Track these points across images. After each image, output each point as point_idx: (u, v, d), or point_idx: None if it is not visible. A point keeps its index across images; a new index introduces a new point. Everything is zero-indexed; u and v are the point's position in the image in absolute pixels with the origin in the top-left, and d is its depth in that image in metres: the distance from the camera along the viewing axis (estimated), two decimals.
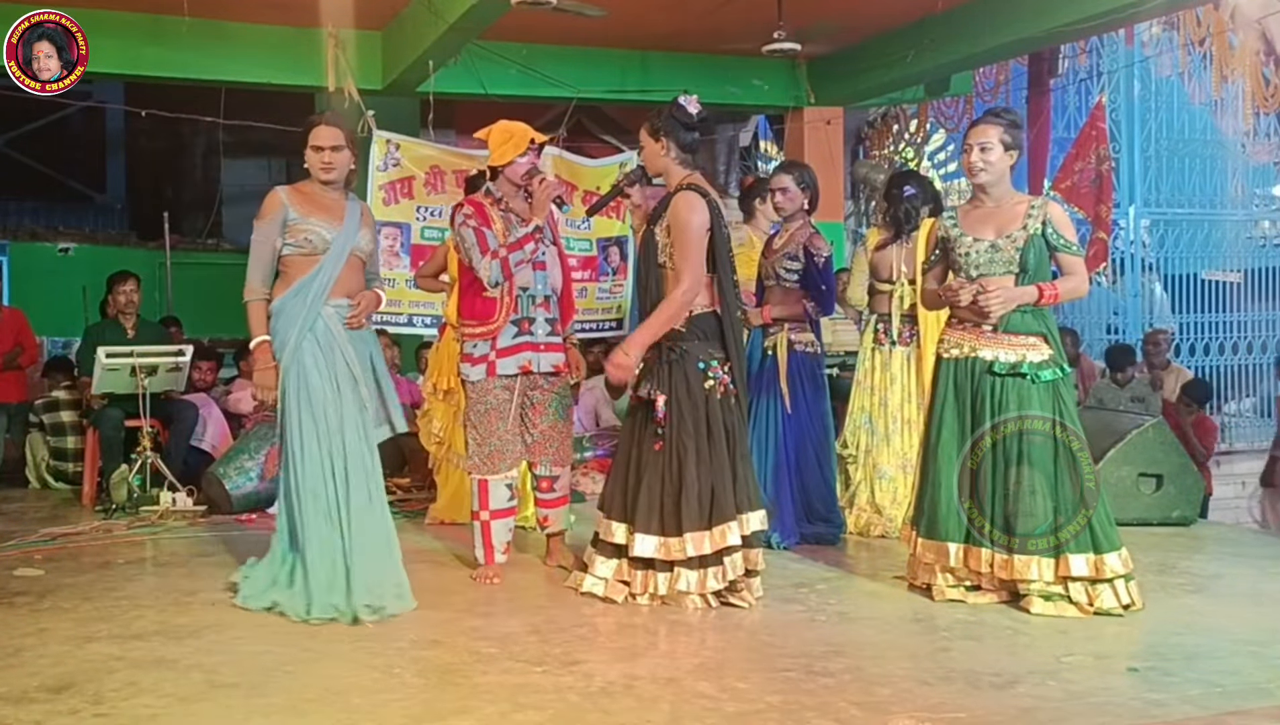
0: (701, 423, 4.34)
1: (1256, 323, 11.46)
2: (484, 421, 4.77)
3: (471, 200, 4.92)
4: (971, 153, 4.43)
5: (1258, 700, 3.40)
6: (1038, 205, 4.43)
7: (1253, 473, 10.66)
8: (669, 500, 4.31)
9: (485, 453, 4.78)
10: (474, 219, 4.75)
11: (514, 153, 4.77)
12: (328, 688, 3.44)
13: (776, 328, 5.57)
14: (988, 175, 4.42)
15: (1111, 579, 4.28)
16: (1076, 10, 7.28)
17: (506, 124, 4.86)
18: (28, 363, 8.19)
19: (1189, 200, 11.47)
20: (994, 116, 4.51)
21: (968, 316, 4.47)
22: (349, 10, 7.73)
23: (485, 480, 4.79)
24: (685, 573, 4.30)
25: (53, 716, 3.19)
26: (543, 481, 4.95)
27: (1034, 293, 4.34)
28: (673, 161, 4.46)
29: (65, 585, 4.79)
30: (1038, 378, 4.34)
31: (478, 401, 4.78)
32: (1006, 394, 4.35)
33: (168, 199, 13.47)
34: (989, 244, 4.40)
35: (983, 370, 4.40)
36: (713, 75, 9.13)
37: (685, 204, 4.35)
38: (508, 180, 4.82)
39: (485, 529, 4.81)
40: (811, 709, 3.26)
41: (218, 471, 6.52)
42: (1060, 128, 11.13)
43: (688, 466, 4.30)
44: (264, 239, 4.38)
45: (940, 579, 4.48)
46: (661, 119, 4.47)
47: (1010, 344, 4.37)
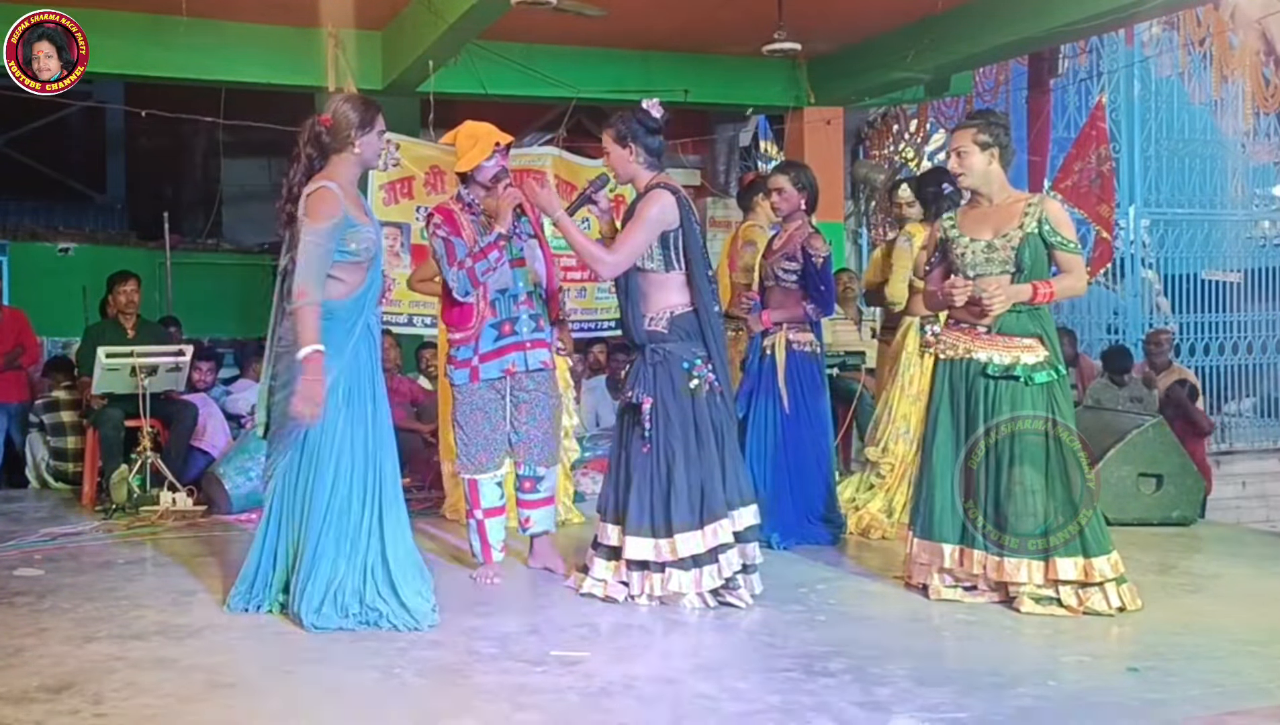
0: (689, 423, 4.35)
1: (1256, 323, 11.46)
2: (470, 421, 4.77)
3: (441, 208, 4.85)
4: (951, 160, 4.54)
5: (1258, 700, 3.40)
6: (1034, 203, 4.44)
7: (1253, 473, 10.67)
8: (658, 501, 4.31)
9: (473, 452, 4.78)
10: (443, 228, 4.72)
11: (480, 157, 4.72)
12: (328, 688, 3.44)
13: (775, 328, 5.57)
14: (970, 179, 4.48)
15: (1101, 583, 4.27)
16: (1076, 10, 7.28)
17: (472, 126, 4.78)
18: (28, 363, 8.18)
19: (1189, 200, 11.47)
20: (968, 120, 4.62)
21: (964, 317, 4.49)
22: (349, 10, 7.74)
23: (475, 479, 4.79)
24: (678, 573, 4.30)
25: (53, 716, 3.19)
26: (525, 482, 4.89)
27: (1028, 291, 4.33)
28: (640, 166, 4.47)
29: (65, 585, 4.79)
30: (1031, 380, 4.33)
31: (464, 402, 4.79)
32: (1000, 396, 4.36)
33: (168, 199, 13.47)
34: (985, 244, 4.41)
35: (977, 372, 4.41)
36: (713, 75, 9.13)
37: (649, 197, 4.40)
38: (478, 184, 4.78)
39: (481, 528, 4.82)
40: (811, 709, 3.26)
41: (218, 471, 6.52)
42: (1060, 128, 11.12)
43: (676, 467, 4.31)
44: (326, 243, 3.99)
45: (936, 579, 4.49)
46: (627, 125, 4.46)
47: (1005, 346, 4.37)
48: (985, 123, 4.48)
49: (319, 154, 4.16)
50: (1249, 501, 10.59)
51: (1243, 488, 10.57)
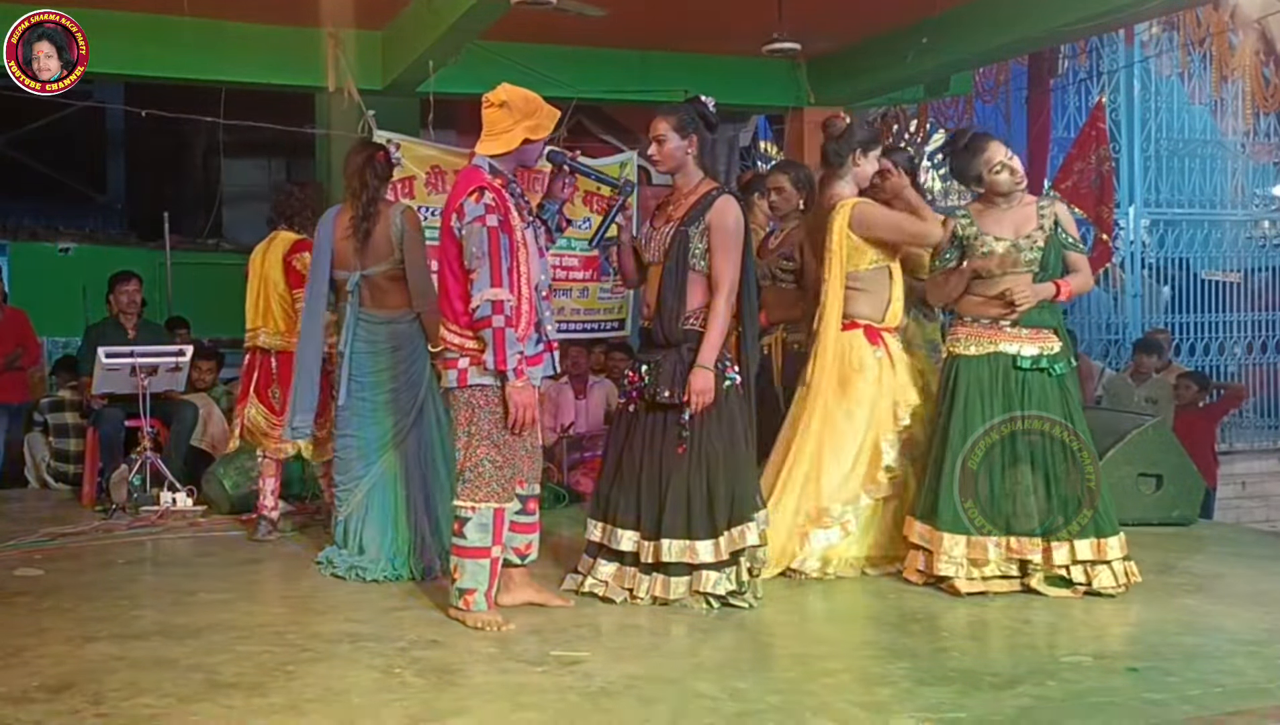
0: (725, 424, 4.34)
1: (1256, 323, 11.46)
2: (509, 437, 4.09)
3: (487, 182, 4.08)
4: (1005, 170, 4.67)
5: (1258, 700, 3.40)
6: (1046, 205, 4.72)
7: (1252, 473, 10.67)
8: (698, 504, 4.27)
9: (506, 475, 4.11)
10: (497, 212, 4.02)
11: (550, 126, 4.18)
12: (328, 688, 3.44)
13: (771, 328, 5.56)
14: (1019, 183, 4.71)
15: (1110, 561, 4.48)
16: (1076, 10, 7.27)
17: (524, 91, 4.18)
18: (29, 363, 8.17)
19: (1189, 200, 11.48)
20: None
21: (983, 313, 4.66)
22: (349, 10, 7.73)
23: (502, 509, 4.12)
24: (709, 574, 4.27)
25: (53, 716, 3.20)
26: (528, 501, 4.34)
27: (1052, 289, 4.62)
28: (692, 161, 4.44)
29: (65, 585, 4.79)
30: (1054, 371, 4.59)
31: (503, 414, 4.07)
32: (1030, 387, 4.59)
33: (168, 199, 13.44)
34: (1010, 243, 4.62)
35: (1007, 365, 4.61)
36: (713, 75, 9.11)
37: (731, 208, 4.37)
38: (518, 163, 4.24)
39: (493, 569, 4.11)
40: (811, 709, 3.26)
41: (218, 471, 6.52)
42: (1060, 128, 11.13)
43: (717, 469, 4.29)
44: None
45: (959, 571, 4.53)
46: (690, 116, 4.41)
47: (1030, 338, 4.64)
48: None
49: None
50: (1249, 501, 10.59)
51: (1243, 488, 10.57)
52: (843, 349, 4.86)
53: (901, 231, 4.85)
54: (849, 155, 4.92)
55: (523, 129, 4.12)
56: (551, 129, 4.21)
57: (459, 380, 4.10)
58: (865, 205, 4.85)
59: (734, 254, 4.33)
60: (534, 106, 4.17)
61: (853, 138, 4.93)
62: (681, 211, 4.41)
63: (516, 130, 4.12)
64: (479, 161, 4.16)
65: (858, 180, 4.95)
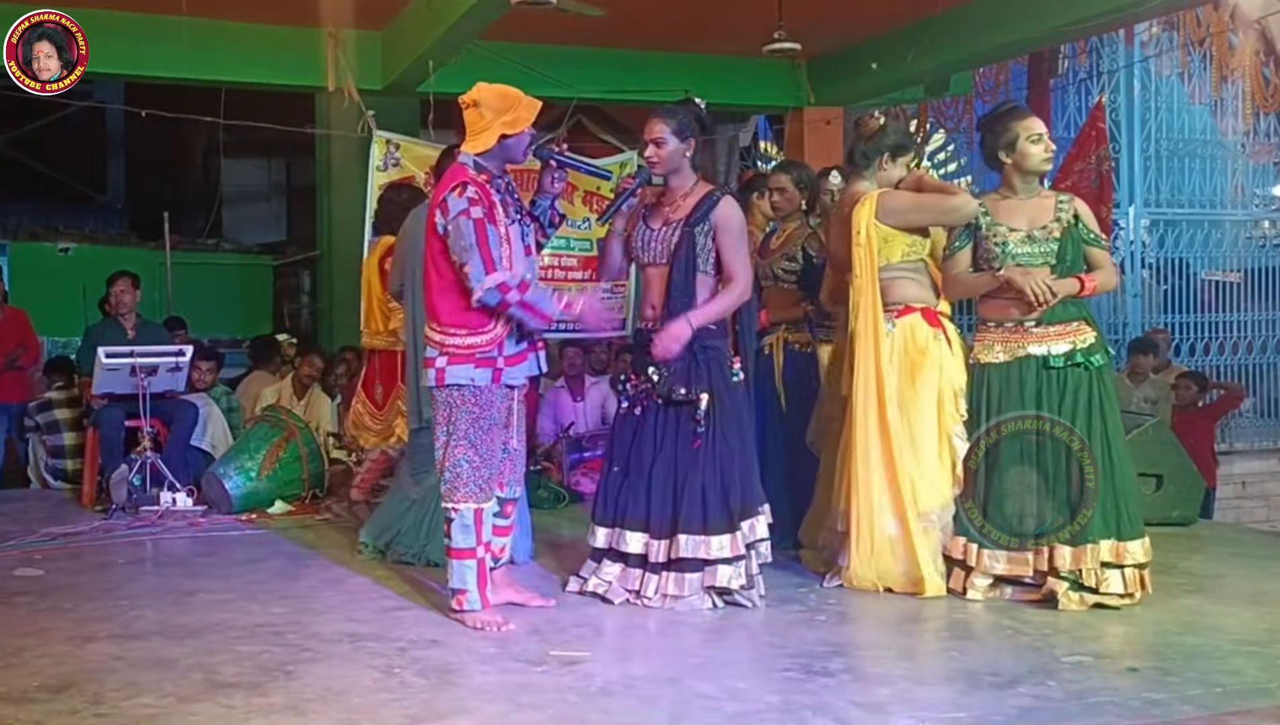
0: (738, 418, 4.38)
1: (1256, 323, 11.45)
2: (486, 438, 4.09)
3: (470, 176, 4.06)
4: (1041, 142, 4.53)
5: (1258, 700, 3.40)
6: (1066, 200, 4.57)
7: (1252, 473, 10.66)
8: (714, 498, 4.27)
9: (484, 475, 4.09)
10: (481, 205, 3.99)
11: (530, 119, 4.13)
12: (328, 688, 3.44)
13: (773, 328, 5.56)
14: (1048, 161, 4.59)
15: (1125, 566, 4.32)
16: (1076, 10, 7.28)
17: (501, 86, 4.18)
18: (29, 363, 8.17)
19: (1189, 200, 11.46)
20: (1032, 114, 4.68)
21: (1005, 316, 4.51)
22: (349, 10, 7.74)
23: (481, 509, 4.11)
24: (723, 568, 4.27)
25: (53, 716, 3.19)
26: (506, 504, 4.30)
27: (1076, 285, 4.45)
28: (689, 163, 4.45)
29: (65, 585, 4.79)
30: (1090, 364, 4.41)
31: (480, 415, 4.07)
32: (1062, 386, 4.41)
33: (168, 199, 13.45)
34: (1025, 235, 4.50)
35: (1038, 367, 4.45)
36: (713, 75, 9.12)
37: (734, 208, 4.41)
38: (504, 157, 4.16)
39: (482, 568, 4.13)
40: (811, 709, 3.26)
41: (218, 471, 6.53)
42: (1060, 128, 11.10)
43: (731, 464, 4.31)
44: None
45: (979, 580, 4.46)
46: (688, 119, 4.42)
47: (1058, 335, 4.46)
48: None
49: None
50: (1249, 501, 10.59)
51: (1243, 488, 10.57)
52: (904, 336, 4.61)
53: (929, 211, 4.66)
54: (876, 159, 4.77)
55: (499, 125, 4.10)
56: (531, 121, 4.17)
57: (436, 379, 4.09)
58: (889, 193, 4.69)
59: (744, 251, 4.41)
60: (509, 102, 4.14)
61: (883, 141, 4.77)
62: (682, 213, 4.41)
63: (494, 127, 4.10)
64: (464, 159, 4.16)
65: (881, 185, 4.78)
